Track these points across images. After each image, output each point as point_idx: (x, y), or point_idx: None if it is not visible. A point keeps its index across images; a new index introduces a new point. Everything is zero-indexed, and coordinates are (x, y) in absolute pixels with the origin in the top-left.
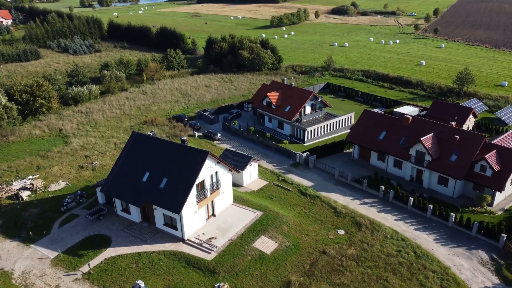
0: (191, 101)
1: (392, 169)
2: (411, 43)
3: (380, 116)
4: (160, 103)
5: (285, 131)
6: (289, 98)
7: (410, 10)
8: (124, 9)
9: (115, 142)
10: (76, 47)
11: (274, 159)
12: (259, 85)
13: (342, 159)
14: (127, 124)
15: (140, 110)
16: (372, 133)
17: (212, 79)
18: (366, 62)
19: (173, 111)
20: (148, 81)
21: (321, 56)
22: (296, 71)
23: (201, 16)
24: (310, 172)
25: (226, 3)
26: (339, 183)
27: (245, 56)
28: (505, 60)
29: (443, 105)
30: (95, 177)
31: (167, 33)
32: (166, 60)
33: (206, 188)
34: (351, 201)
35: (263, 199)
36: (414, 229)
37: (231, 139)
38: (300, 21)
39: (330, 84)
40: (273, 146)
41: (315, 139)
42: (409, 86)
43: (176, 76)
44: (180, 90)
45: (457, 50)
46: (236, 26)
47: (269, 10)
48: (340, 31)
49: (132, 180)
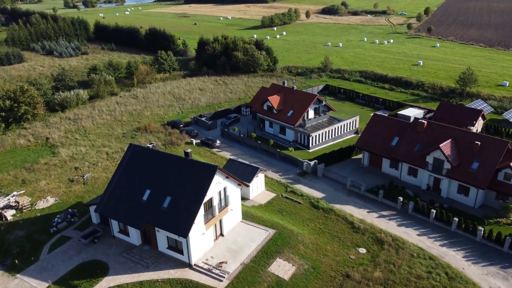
0: (185, 105)
1: (406, 177)
2: (405, 43)
3: (391, 120)
4: (153, 108)
5: (287, 136)
6: (291, 102)
7: (399, 9)
8: (110, 10)
9: (107, 151)
10: (61, 49)
11: (279, 168)
12: (255, 88)
13: (351, 166)
14: (119, 131)
15: (132, 116)
16: (383, 139)
17: (206, 82)
18: (363, 63)
19: (167, 117)
20: (139, 85)
21: (316, 56)
22: (291, 73)
23: (190, 16)
24: (319, 182)
25: (214, 3)
26: (351, 194)
27: (239, 58)
28: (502, 59)
29: (450, 107)
30: (87, 192)
31: (156, 34)
32: (157, 62)
33: (214, 206)
34: (368, 214)
35: (273, 214)
36: (440, 245)
37: (231, 146)
38: (291, 21)
39: (329, 86)
40: (277, 153)
41: (319, 144)
42: (409, 87)
43: (168, 79)
44: (173, 94)
45: (453, 50)
46: (226, 26)
47: (258, 10)
48: (332, 31)
49: (130, 198)
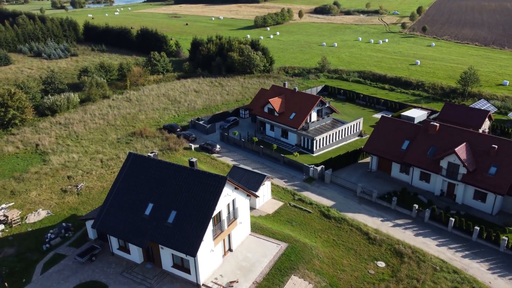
0: (181, 108)
1: (418, 182)
2: (401, 42)
3: (400, 123)
4: (148, 111)
5: (290, 140)
6: (294, 104)
7: (391, 9)
8: (99, 10)
9: (102, 158)
10: (50, 51)
11: (284, 174)
12: (252, 89)
13: (359, 171)
14: (113, 136)
15: (126, 120)
16: (393, 143)
17: (201, 84)
18: (360, 63)
19: (163, 120)
20: (132, 87)
21: (311, 57)
22: (288, 73)
23: (181, 17)
24: (328, 189)
25: (205, 4)
26: (363, 201)
27: (235, 59)
28: (499, 58)
29: (455, 108)
30: (82, 203)
31: (148, 35)
32: (150, 63)
33: (223, 220)
34: (382, 223)
35: (282, 225)
36: (462, 257)
37: (231, 151)
38: (284, 21)
39: (328, 87)
40: (281, 159)
41: (323, 148)
42: (409, 87)
43: (162, 81)
44: (168, 96)
45: (449, 49)
46: (219, 26)
47: (250, 10)
48: (326, 30)
49: (131, 213)
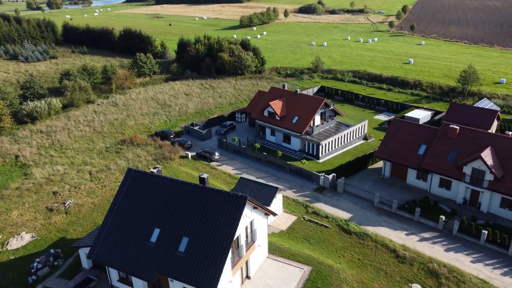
0: (172, 112)
1: (437, 190)
2: (390, 41)
3: (416, 126)
4: (137, 117)
5: (292, 145)
6: (296, 107)
7: (375, 8)
8: (77, 11)
9: (90, 170)
10: (27, 53)
11: (292, 184)
12: (245, 91)
13: (370, 178)
14: (101, 145)
15: (114, 127)
16: (408, 147)
17: (191, 86)
18: (353, 62)
19: (154, 126)
20: (118, 90)
21: (302, 57)
22: (280, 74)
23: (163, 17)
24: (341, 199)
25: (187, 4)
26: (381, 212)
27: (225, 59)
28: (491, 56)
29: (462, 108)
30: (71, 224)
31: (132, 36)
32: (135, 65)
33: (242, 245)
34: (407, 238)
35: (300, 243)
36: (501, 274)
37: (231, 158)
38: (270, 20)
39: (325, 88)
40: (287, 167)
41: (329, 154)
42: (407, 86)
43: (149, 84)
44: (157, 100)
45: (439, 47)
46: (203, 26)
47: (233, 10)
48: (313, 30)
49: (134, 240)
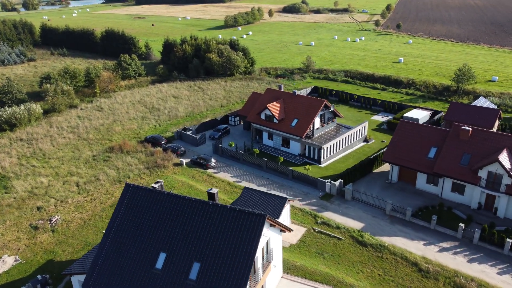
0: (161, 116)
1: (449, 194)
2: (377, 40)
3: (424, 128)
4: (124, 122)
5: (292, 150)
6: (294, 109)
7: (359, 7)
8: (55, 12)
9: (77, 182)
10: (3, 56)
11: (297, 191)
12: (236, 93)
13: (377, 183)
14: (87, 153)
15: (101, 133)
16: (417, 150)
17: (180, 88)
18: (343, 62)
19: (143, 132)
20: (102, 94)
21: (291, 56)
22: (270, 75)
23: (145, 17)
24: (350, 207)
25: (169, 4)
26: (395, 221)
27: (214, 60)
28: (479, 54)
29: (462, 108)
30: (60, 244)
31: (114, 37)
32: (120, 67)
33: (258, 269)
34: (426, 248)
35: (313, 258)
36: None
37: (228, 165)
38: (255, 20)
39: (319, 88)
40: (290, 173)
41: (331, 157)
42: (400, 86)
43: (135, 86)
44: (145, 104)
45: (427, 46)
46: (187, 27)
47: (217, 10)
48: (299, 29)
49: (137, 267)
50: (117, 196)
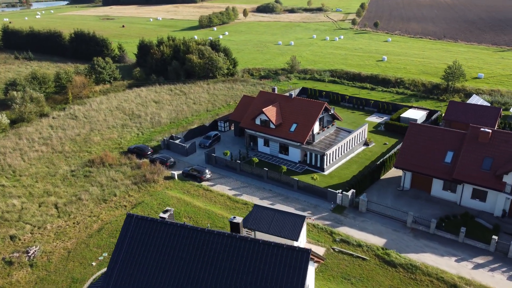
0: (143, 124)
1: (469, 201)
2: (356, 39)
3: (438, 130)
4: (102, 131)
5: (291, 157)
6: (292, 114)
7: (332, 6)
8: (16, 14)
9: (56, 203)
10: None
11: (304, 204)
12: (220, 96)
13: (388, 191)
14: (64, 168)
15: (77, 144)
16: (431, 155)
17: (160, 92)
18: (326, 61)
19: (125, 141)
20: (75, 100)
21: (272, 57)
22: (254, 76)
23: (114, 18)
24: (367, 220)
25: (138, 5)
26: (418, 234)
27: (194, 62)
28: (459, 51)
29: (462, 107)
30: (41, 282)
31: (84, 39)
32: (93, 71)
33: None
34: (459, 266)
35: (340, 284)
36: None
37: (224, 176)
38: (230, 20)
39: (307, 89)
40: (295, 183)
41: (333, 164)
42: (389, 85)
43: (110, 91)
44: (123, 110)
45: (406, 44)
46: (160, 27)
47: (189, 10)
48: (276, 29)
49: None
50: (104, 219)
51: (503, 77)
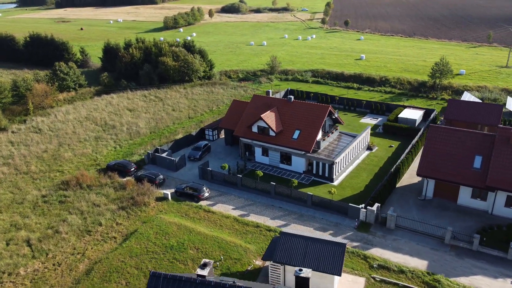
0: (120, 135)
1: (503, 210)
2: (328, 38)
3: (463, 133)
4: (73, 145)
5: (294, 167)
6: (293, 119)
7: (296, 6)
8: None
9: (28, 238)
10: None
11: (323, 222)
12: (201, 101)
13: (409, 201)
14: (33, 193)
15: (45, 162)
16: (458, 160)
17: (133, 99)
18: (304, 61)
19: (102, 157)
20: (37, 111)
21: (247, 58)
22: (232, 78)
23: (70, 21)
24: (398, 238)
25: (95, 7)
26: (461, 253)
27: (169, 65)
28: (433, 48)
29: (462, 105)
30: None
31: (41, 42)
32: (56, 77)
33: None
34: None
35: None
36: None
37: (224, 193)
38: (196, 21)
39: (294, 91)
40: (308, 199)
41: (341, 173)
42: (374, 84)
43: (77, 99)
44: (95, 120)
45: (379, 41)
46: (122, 30)
47: (150, 11)
48: (245, 29)
49: None
50: (91, 256)
51: (484, 72)
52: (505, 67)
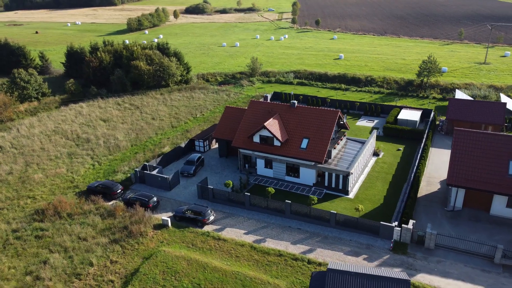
0: (97, 150)
1: None
2: (301, 37)
3: (492, 137)
4: (43, 164)
5: (303, 179)
6: (299, 126)
7: (261, 6)
8: None
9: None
10: None
11: (351, 245)
12: (182, 108)
13: (437, 214)
14: (2, 226)
15: (12, 187)
16: (490, 166)
17: (105, 108)
18: (282, 62)
19: (80, 177)
20: None
21: (222, 60)
22: (210, 82)
23: (23, 24)
24: (442, 259)
25: (48, 9)
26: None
27: (143, 69)
28: (408, 46)
29: (464, 104)
30: None
31: None
32: (15, 86)
33: None
34: None
35: None
36: None
37: (229, 214)
38: (161, 22)
39: (282, 94)
40: (332, 218)
41: (354, 183)
42: (359, 83)
43: (40, 110)
44: (65, 134)
45: (353, 40)
46: (82, 33)
47: (110, 13)
48: (214, 30)
49: None
50: None
51: (465, 69)
52: (483, 64)
